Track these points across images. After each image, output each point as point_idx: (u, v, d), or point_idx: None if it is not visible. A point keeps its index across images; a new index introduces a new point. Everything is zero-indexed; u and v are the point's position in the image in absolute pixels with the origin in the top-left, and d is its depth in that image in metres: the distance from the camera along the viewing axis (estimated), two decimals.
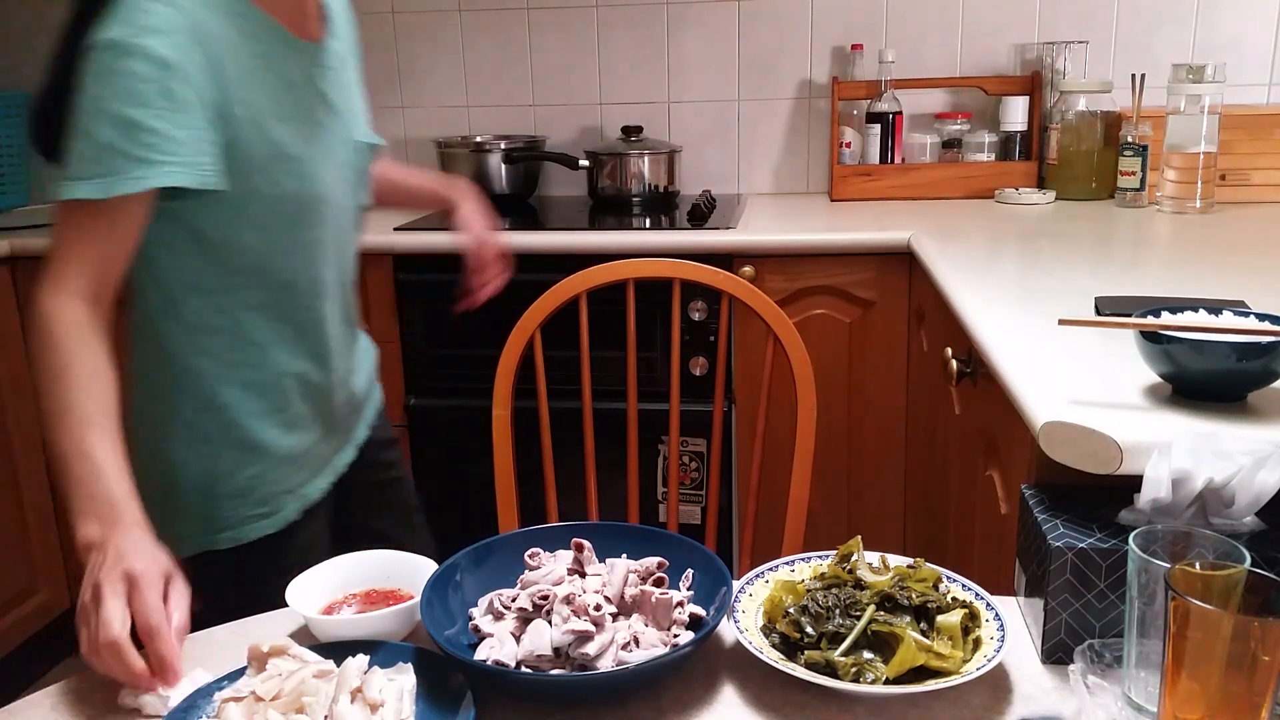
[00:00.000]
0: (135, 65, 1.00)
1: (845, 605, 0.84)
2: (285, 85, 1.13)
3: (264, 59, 1.11)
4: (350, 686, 0.78)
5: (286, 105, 1.13)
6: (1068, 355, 1.13)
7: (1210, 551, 0.73)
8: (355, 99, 1.28)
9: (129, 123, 1.01)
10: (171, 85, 1.01)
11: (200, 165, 1.05)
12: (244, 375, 1.21)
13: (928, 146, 2.49)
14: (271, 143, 1.11)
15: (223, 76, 1.06)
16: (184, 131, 1.03)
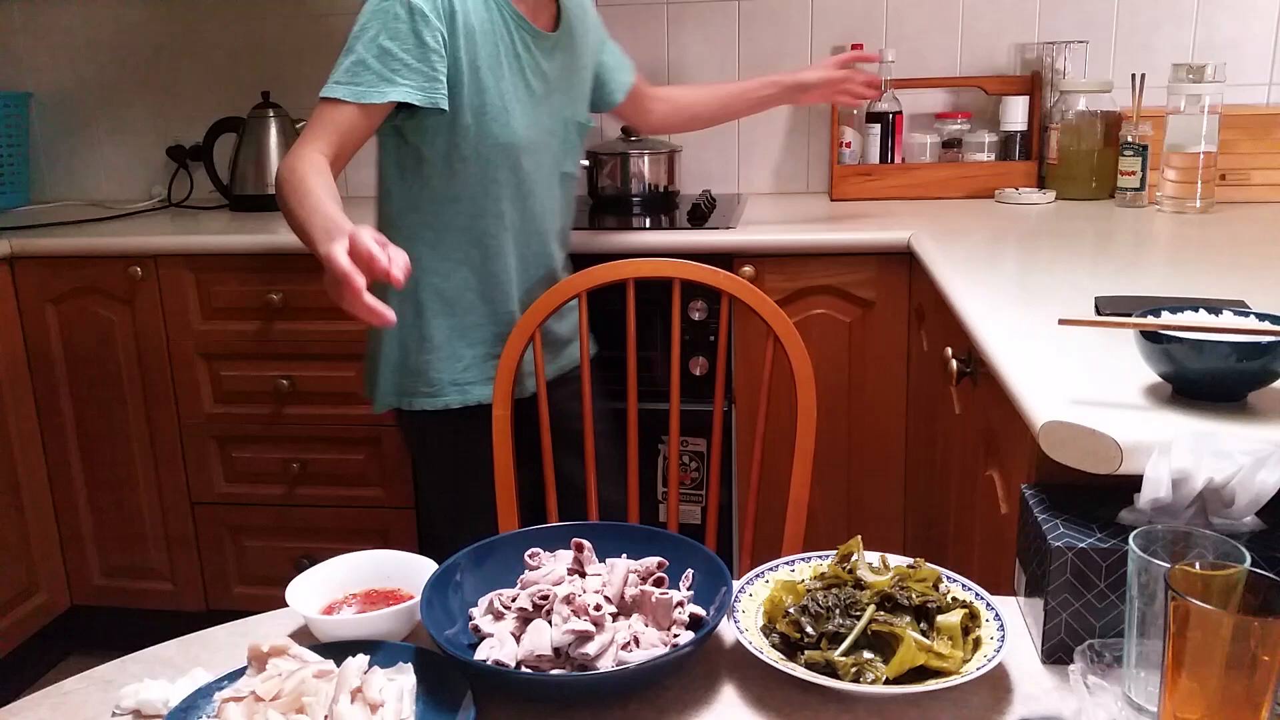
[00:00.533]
0: (398, 9, 1.40)
1: (845, 605, 0.85)
2: (511, 54, 1.50)
3: (498, 30, 1.48)
4: (350, 686, 0.78)
5: (506, 68, 1.49)
6: (1068, 355, 1.13)
7: (1210, 551, 0.73)
8: (578, 84, 1.65)
9: (384, 51, 1.40)
10: (420, 29, 1.40)
11: (429, 90, 1.43)
12: (435, 282, 1.57)
13: (928, 146, 2.49)
14: (484, 90, 1.47)
15: (460, 31, 1.43)
16: (422, 65, 1.41)
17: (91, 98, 2.83)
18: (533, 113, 1.52)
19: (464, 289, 1.57)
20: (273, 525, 2.38)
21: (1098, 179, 2.31)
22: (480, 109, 1.47)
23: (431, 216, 1.54)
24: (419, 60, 1.41)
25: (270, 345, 2.27)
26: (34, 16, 2.80)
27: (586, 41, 1.65)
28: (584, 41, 1.63)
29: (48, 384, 2.37)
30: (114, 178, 2.87)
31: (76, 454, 2.41)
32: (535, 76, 1.53)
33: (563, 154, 1.62)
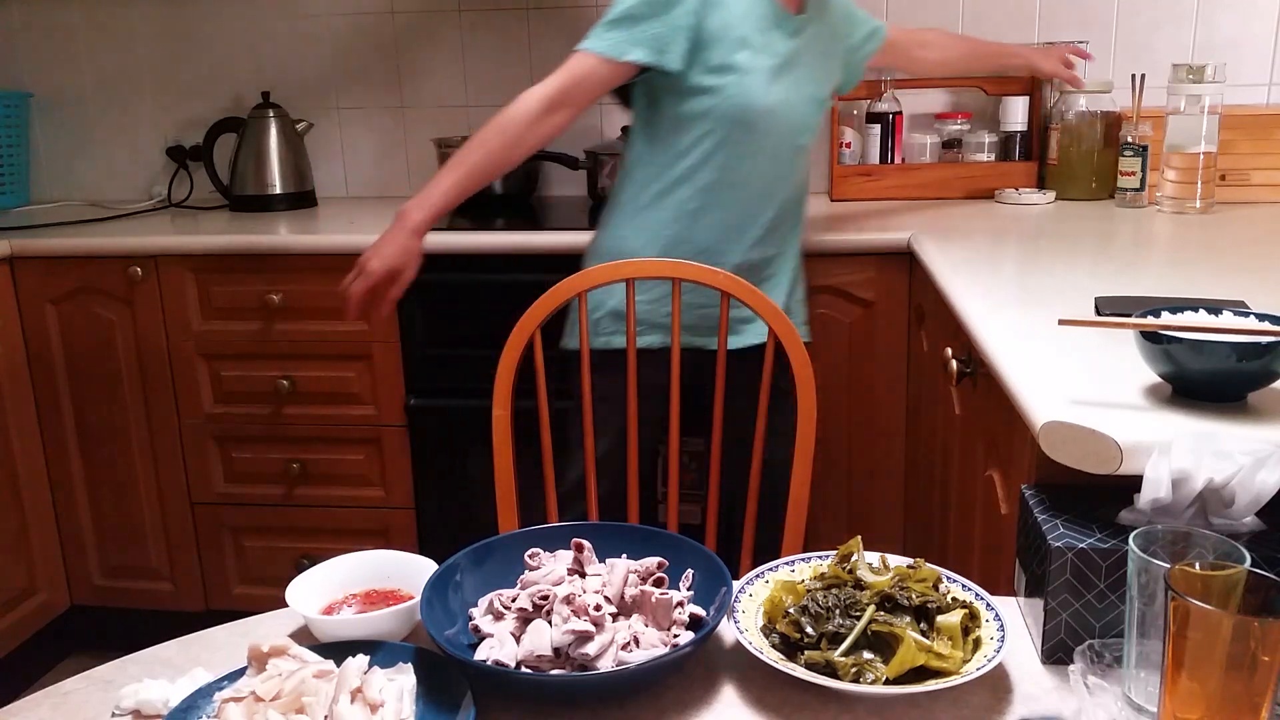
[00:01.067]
0: None
1: (845, 605, 0.85)
2: (760, 30, 1.62)
3: (750, 6, 1.61)
4: (350, 686, 0.78)
5: (754, 41, 1.61)
6: (1068, 355, 1.13)
7: (1210, 552, 0.73)
8: (822, 66, 1.76)
9: (634, 18, 1.57)
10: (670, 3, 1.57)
11: (667, 52, 1.58)
12: (654, 228, 1.70)
13: (928, 146, 2.49)
14: (729, 58, 1.59)
15: (712, 4, 1.58)
16: (667, 29, 1.56)
17: (91, 98, 2.83)
18: (772, 84, 1.63)
19: (676, 241, 1.68)
20: (273, 525, 2.38)
21: (1098, 179, 2.31)
22: (721, 72, 1.59)
23: (663, 168, 1.68)
24: (665, 25, 1.56)
25: (270, 345, 2.27)
26: (34, 16, 2.79)
27: (831, 26, 1.78)
28: (828, 26, 1.76)
29: (48, 384, 2.37)
30: (114, 178, 2.87)
31: (76, 454, 2.41)
32: (777, 53, 1.64)
33: (799, 127, 1.71)
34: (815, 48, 1.72)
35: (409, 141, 2.76)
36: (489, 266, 2.11)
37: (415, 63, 2.71)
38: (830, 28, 1.78)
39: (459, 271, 1.56)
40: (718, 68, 1.60)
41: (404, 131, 2.75)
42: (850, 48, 1.90)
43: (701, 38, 1.58)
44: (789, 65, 1.66)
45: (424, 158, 2.74)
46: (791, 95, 1.68)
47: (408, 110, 2.74)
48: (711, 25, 1.58)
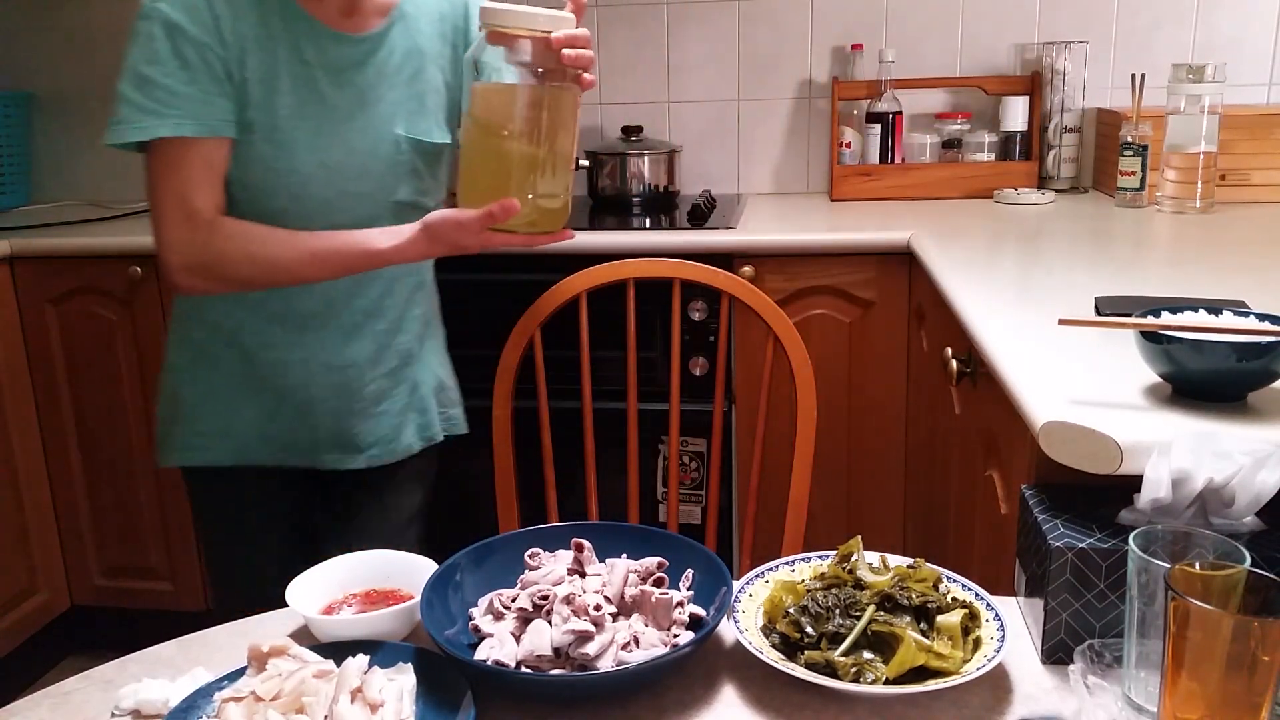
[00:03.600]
0: (153, 28, 1.17)
1: (845, 605, 0.85)
2: (293, 62, 1.24)
3: (273, 33, 1.23)
4: (350, 686, 0.78)
5: (285, 80, 1.24)
6: (1068, 355, 1.13)
7: (1210, 551, 0.73)
8: (417, 93, 1.33)
9: (144, 79, 1.18)
10: (181, 45, 1.17)
11: (205, 117, 1.19)
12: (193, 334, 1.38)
13: (928, 146, 2.49)
14: (271, 112, 1.23)
15: (231, 40, 1.20)
16: (191, 88, 1.18)
17: (91, 98, 2.83)
18: (330, 133, 1.26)
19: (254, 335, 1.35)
20: None
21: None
22: (249, 129, 1.23)
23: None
24: (186, 83, 1.18)
25: None
26: (34, 16, 2.79)
27: (435, 39, 1.34)
28: (429, 39, 1.33)
29: (48, 384, 2.37)
30: (114, 178, 2.86)
31: (76, 454, 2.41)
32: (334, 87, 1.26)
33: (391, 180, 1.32)
34: (404, 70, 1.34)
35: None
36: (489, 266, 2.11)
37: None
38: (433, 41, 1.37)
39: (458, 271, 1.56)
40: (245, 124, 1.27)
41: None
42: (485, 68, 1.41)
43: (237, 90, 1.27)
44: (359, 105, 1.30)
45: None
46: (371, 142, 1.32)
47: None
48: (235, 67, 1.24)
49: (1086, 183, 2.47)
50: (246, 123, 1.22)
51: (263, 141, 1.23)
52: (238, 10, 1.20)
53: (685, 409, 1.73)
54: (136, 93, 1.17)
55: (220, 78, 1.19)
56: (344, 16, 1.26)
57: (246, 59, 1.20)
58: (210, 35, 1.18)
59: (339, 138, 1.26)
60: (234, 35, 1.19)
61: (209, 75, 1.19)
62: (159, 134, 1.17)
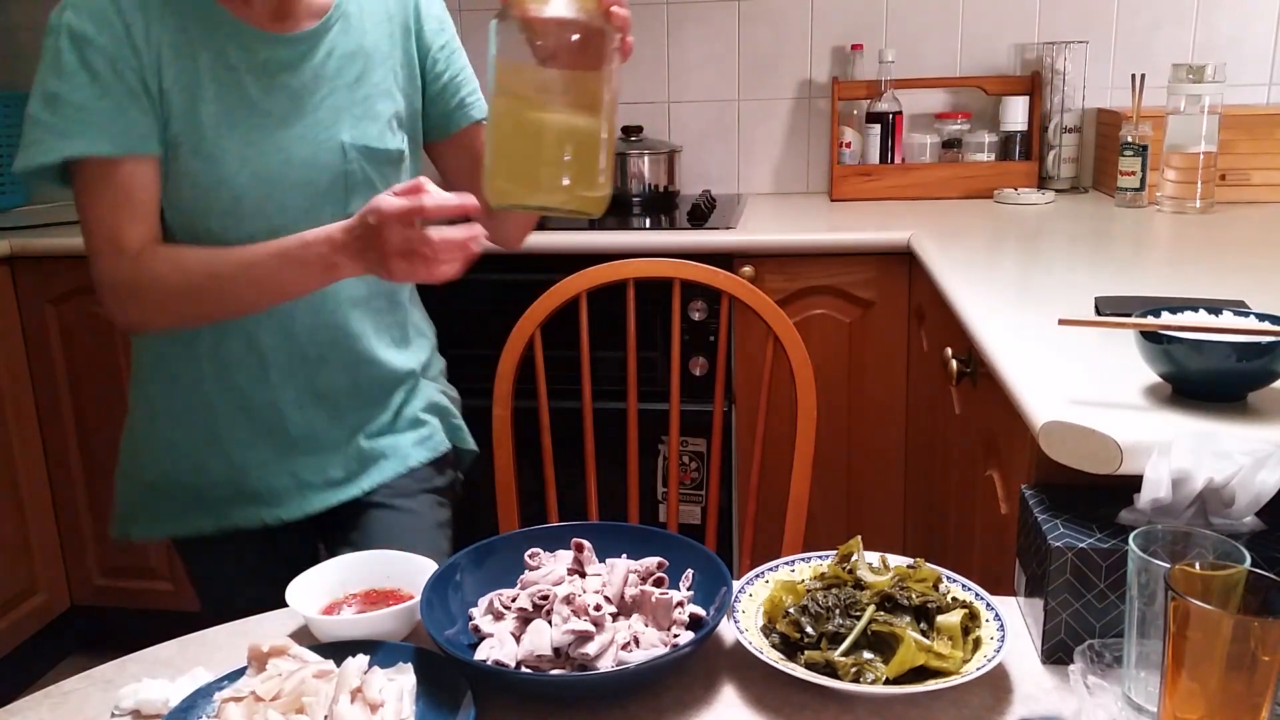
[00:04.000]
0: (59, 41, 1.07)
1: (845, 605, 0.84)
2: (217, 66, 1.12)
3: (191, 36, 1.11)
4: (350, 686, 0.78)
5: (209, 86, 1.12)
6: (1068, 355, 1.13)
7: (1210, 551, 0.73)
8: (355, 100, 1.18)
9: (51, 97, 1.07)
10: (89, 57, 1.06)
11: (121, 134, 1.08)
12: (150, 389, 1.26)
13: (928, 146, 2.49)
14: (195, 123, 1.11)
15: (145, 48, 1.08)
16: (102, 102, 1.07)
17: None
18: (262, 141, 1.13)
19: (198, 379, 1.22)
20: None
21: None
22: (174, 144, 1.11)
23: None
24: (97, 98, 1.07)
25: None
26: (34, 16, 2.79)
27: (383, 40, 1.22)
28: (375, 40, 1.21)
29: (47, 384, 2.37)
30: None
31: (76, 454, 2.40)
32: (264, 92, 1.13)
33: (341, 193, 1.18)
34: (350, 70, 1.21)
35: None
36: (489, 266, 2.11)
37: None
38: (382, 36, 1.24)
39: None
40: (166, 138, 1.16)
41: None
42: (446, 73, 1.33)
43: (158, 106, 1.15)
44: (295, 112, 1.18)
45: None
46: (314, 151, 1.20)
47: None
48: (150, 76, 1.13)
49: (1086, 183, 2.47)
50: (170, 138, 1.11)
51: (190, 156, 1.11)
52: (151, 16, 1.08)
53: (685, 409, 1.73)
54: (45, 112, 1.07)
55: (136, 90, 1.08)
56: (274, 20, 1.14)
57: (164, 68, 1.09)
58: (121, 44, 1.07)
59: (273, 146, 1.14)
60: (148, 43, 1.08)
61: (122, 88, 1.07)
62: (70, 154, 1.07)
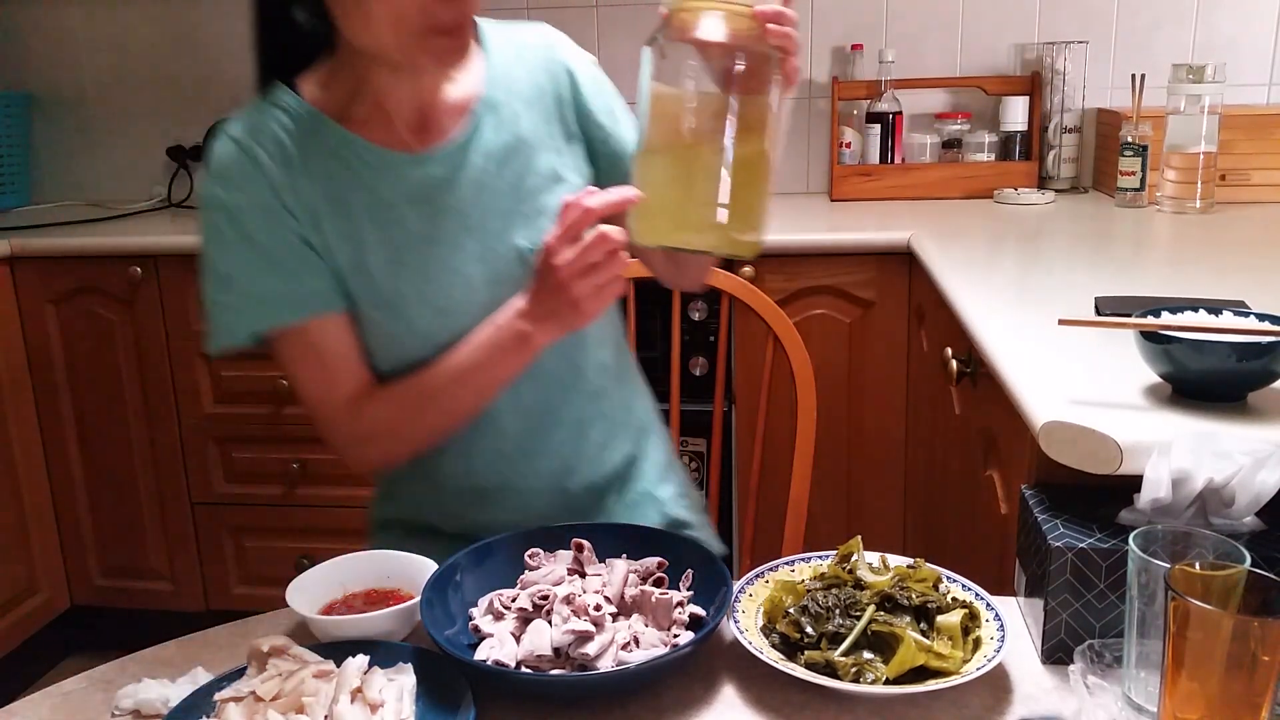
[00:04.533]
0: (213, 217, 1.01)
1: (845, 605, 0.84)
2: (380, 207, 1.04)
3: (348, 183, 1.03)
4: (350, 686, 0.78)
5: (382, 229, 1.04)
6: (1068, 355, 1.13)
7: (1210, 551, 0.73)
8: (521, 197, 1.08)
9: (222, 277, 1.02)
10: (248, 228, 1.00)
11: (299, 300, 1.02)
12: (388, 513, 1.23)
13: (928, 146, 2.49)
14: (365, 273, 1.04)
15: (297, 205, 1.02)
16: (273, 272, 1.01)
17: (91, 98, 2.83)
18: (438, 274, 1.05)
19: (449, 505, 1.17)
20: (273, 525, 2.38)
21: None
22: (351, 298, 1.05)
23: None
24: (266, 271, 1.01)
25: None
26: (34, 16, 2.79)
27: (539, 123, 1.10)
28: (531, 125, 1.09)
29: (48, 384, 2.37)
30: (114, 178, 2.87)
31: (76, 454, 2.41)
32: (427, 219, 1.05)
33: (503, 299, 1.04)
34: (502, 174, 1.09)
35: None
36: None
37: None
38: (539, 128, 1.11)
39: None
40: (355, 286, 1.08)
41: None
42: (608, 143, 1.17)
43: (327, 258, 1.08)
44: (446, 229, 1.07)
45: None
46: (468, 262, 1.09)
47: None
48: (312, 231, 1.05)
49: (1086, 183, 2.47)
50: (346, 293, 1.04)
51: (370, 308, 1.04)
52: (295, 171, 1.01)
53: (685, 409, 1.73)
54: (220, 292, 1.02)
55: (300, 251, 1.01)
56: (415, 134, 1.05)
57: (321, 222, 1.02)
58: (273, 208, 1.01)
59: (450, 275, 1.05)
60: (298, 200, 1.01)
61: (286, 252, 1.01)
62: (255, 330, 1.02)
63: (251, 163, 1.00)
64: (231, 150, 1.01)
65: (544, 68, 1.11)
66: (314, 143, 1.02)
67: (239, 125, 1.02)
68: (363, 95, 1.03)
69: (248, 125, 1.02)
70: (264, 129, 1.02)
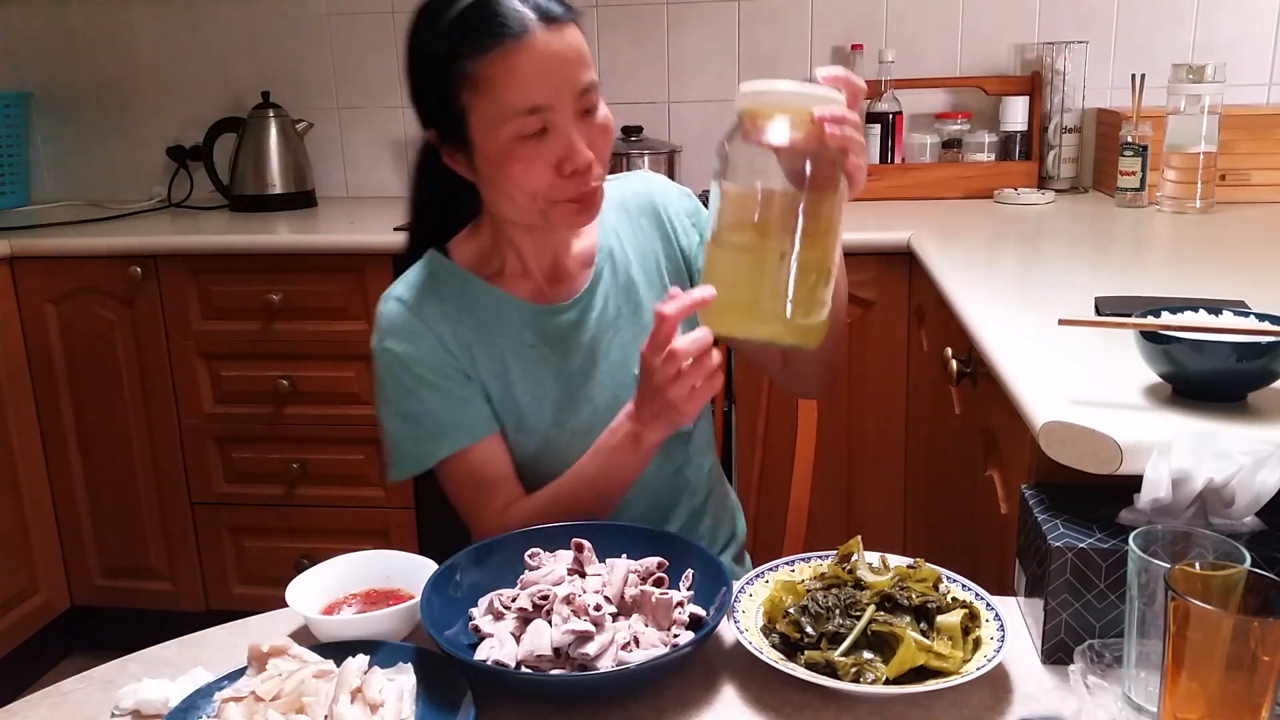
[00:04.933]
0: (390, 364, 1.15)
1: (845, 605, 0.84)
2: (525, 349, 1.18)
3: (497, 331, 1.17)
4: (350, 687, 0.78)
5: (526, 368, 1.18)
6: (1068, 355, 1.13)
7: (1210, 551, 0.73)
8: (636, 331, 1.22)
9: (405, 414, 1.15)
10: (421, 372, 1.14)
11: (472, 424, 1.15)
12: None
13: (928, 146, 2.49)
14: (512, 404, 1.18)
15: (458, 349, 1.16)
16: (447, 403, 1.15)
17: (91, 98, 2.83)
18: (570, 404, 1.20)
19: None
20: (273, 525, 2.37)
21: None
22: (514, 422, 1.19)
23: None
24: (442, 403, 1.15)
25: (270, 345, 2.27)
26: (34, 16, 2.79)
27: (648, 256, 1.25)
28: (639, 268, 1.24)
29: (47, 384, 2.37)
30: (114, 178, 2.87)
31: (76, 454, 2.41)
32: (562, 357, 1.20)
33: None
34: (621, 316, 1.23)
35: (409, 141, 2.76)
36: None
37: None
38: (646, 261, 1.26)
39: None
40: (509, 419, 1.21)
41: (404, 131, 2.75)
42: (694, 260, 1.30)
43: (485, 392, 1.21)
44: (589, 363, 1.21)
45: None
46: (607, 391, 1.23)
47: (407, 110, 2.70)
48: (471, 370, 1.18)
49: (1086, 183, 2.47)
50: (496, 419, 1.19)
51: (514, 433, 1.19)
52: (453, 321, 1.16)
53: None
54: (405, 426, 1.15)
55: (466, 384, 1.16)
56: (551, 283, 1.20)
57: (476, 362, 1.17)
58: (440, 353, 1.15)
59: (582, 400, 1.20)
60: (459, 345, 1.16)
61: (456, 385, 1.15)
62: (440, 455, 1.15)
63: (416, 318, 1.15)
64: (398, 309, 1.16)
65: (647, 213, 1.27)
66: (466, 299, 1.17)
67: (403, 288, 1.18)
68: (504, 252, 1.19)
69: (410, 287, 1.17)
70: (423, 289, 1.17)
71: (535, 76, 1.02)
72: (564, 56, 1.03)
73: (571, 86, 1.04)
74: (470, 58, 1.03)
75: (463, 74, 1.04)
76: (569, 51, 1.04)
